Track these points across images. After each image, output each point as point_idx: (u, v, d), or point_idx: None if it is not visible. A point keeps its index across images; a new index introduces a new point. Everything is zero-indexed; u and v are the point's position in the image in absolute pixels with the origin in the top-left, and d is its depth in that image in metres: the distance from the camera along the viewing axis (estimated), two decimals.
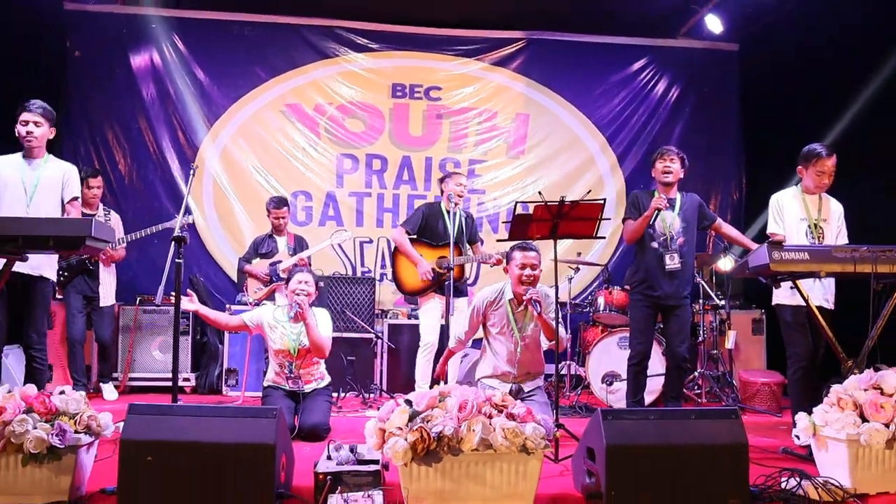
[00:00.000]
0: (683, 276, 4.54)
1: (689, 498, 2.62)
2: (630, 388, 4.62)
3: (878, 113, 5.69)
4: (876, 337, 3.66)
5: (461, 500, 2.58)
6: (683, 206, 4.61)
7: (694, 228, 4.63)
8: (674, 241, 4.51)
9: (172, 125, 7.35)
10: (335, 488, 2.58)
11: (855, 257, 3.55)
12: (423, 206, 5.54)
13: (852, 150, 5.80)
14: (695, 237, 4.67)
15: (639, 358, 4.56)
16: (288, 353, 4.28)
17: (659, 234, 4.52)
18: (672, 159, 4.53)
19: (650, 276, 4.53)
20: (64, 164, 4.17)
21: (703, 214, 4.72)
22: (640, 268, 4.63)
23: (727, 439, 2.68)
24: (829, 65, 6.20)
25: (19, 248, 3.32)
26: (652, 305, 4.55)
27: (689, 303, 4.62)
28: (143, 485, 2.54)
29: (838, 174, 4.31)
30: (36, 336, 3.95)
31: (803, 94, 6.62)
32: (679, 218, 4.56)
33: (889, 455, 2.82)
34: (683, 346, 4.52)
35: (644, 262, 4.59)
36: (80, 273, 5.62)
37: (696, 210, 4.65)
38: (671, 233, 4.51)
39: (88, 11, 7.23)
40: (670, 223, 4.53)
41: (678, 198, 4.62)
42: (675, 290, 4.51)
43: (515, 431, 2.55)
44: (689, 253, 4.58)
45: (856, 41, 5.89)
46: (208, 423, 2.64)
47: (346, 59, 7.53)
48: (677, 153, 4.58)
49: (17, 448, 2.53)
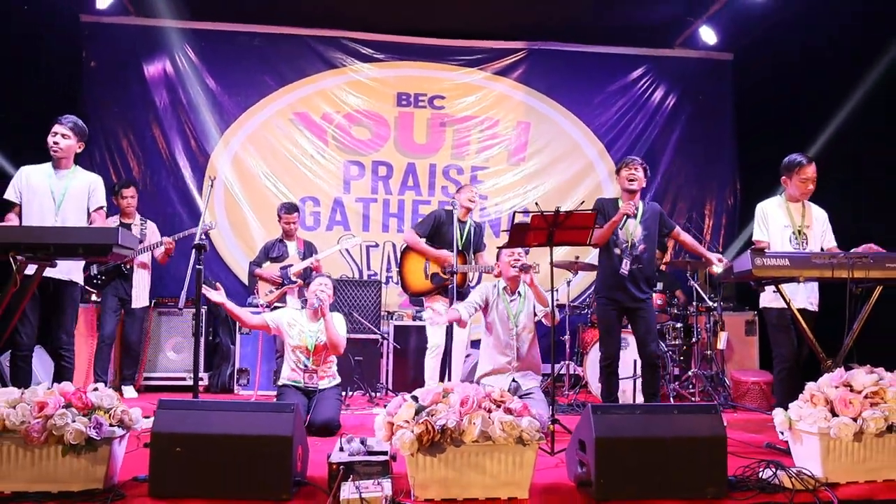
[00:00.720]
0: (643, 279, 4.69)
1: (672, 486, 2.85)
2: (603, 389, 4.79)
3: (867, 121, 5.91)
4: (853, 338, 3.90)
5: (463, 487, 2.81)
6: (645, 214, 4.77)
7: (655, 236, 4.80)
8: (635, 248, 4.67)
9: (185, 133, 7.60)
10: (347, 477, 2.81)
11: (833, 263, 3.78)
12: (437, 213, 5.71)
13: (844, 156, 6.06)
14: (655, 244, 4.84)
15: (609, 360, 4.70)
16: (305, 349, 4.56)
17: (622, 241, 4.68)
18: (636, 168, 4.68)
19: (612, 280, 4.69)
20: (90, 174, 4.42)
21: (664, 223, 4.87)
22: (604, 273, 4.81)
23: (707, 432, 2.91)
24: (821, 73, 6.42)
25: (51, 255, 3.57)
26: (616, 308, 4.71)
27: (652, 304, 4.78)
28: (173, 473, 2.78)
29: (830, 181, 4.53)
30: (65, 337, 4.21)
31: (796, 102, 6.84)
32: (641, 226, 4.72)
33: (857, 447, 3.04)
34: (653, 344, 4.69)
35: (606, 267, 4.76)
36: (116, 276, 5.89)
37: (657, 219, 4.81)
38: (633, 240, 4.68)
39: (103, 23, 7.47)
40: (633, 231, 4.69)
41: (640, 206, 4.77)
42: (635, 293, 4.66)
43: (512, 424, 2.79)
44: (649, 259, 4.73)
45: (845, 51, 6.09)
46: (231, 417, 2.89)
47: (352, 68, 7.79)
48: (641, 163, 4.74)
49: (57, 439, 2.77)
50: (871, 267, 3.79)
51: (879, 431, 3.01)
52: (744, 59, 7.90)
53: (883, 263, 3.80)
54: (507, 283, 4.71)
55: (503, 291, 4.71)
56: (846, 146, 6.05)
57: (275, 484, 2.78)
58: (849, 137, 6.07)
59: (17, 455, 2.79)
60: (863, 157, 6.07)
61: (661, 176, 7.97)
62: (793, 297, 4.40)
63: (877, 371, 3.21)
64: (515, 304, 4.67)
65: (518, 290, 4.72)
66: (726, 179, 8.02)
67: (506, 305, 4.65)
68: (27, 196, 4.21)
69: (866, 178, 6.01)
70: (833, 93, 6.27)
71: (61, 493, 2.78)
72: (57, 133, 4.25)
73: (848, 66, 6.12)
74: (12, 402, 2.81)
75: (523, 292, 4.71)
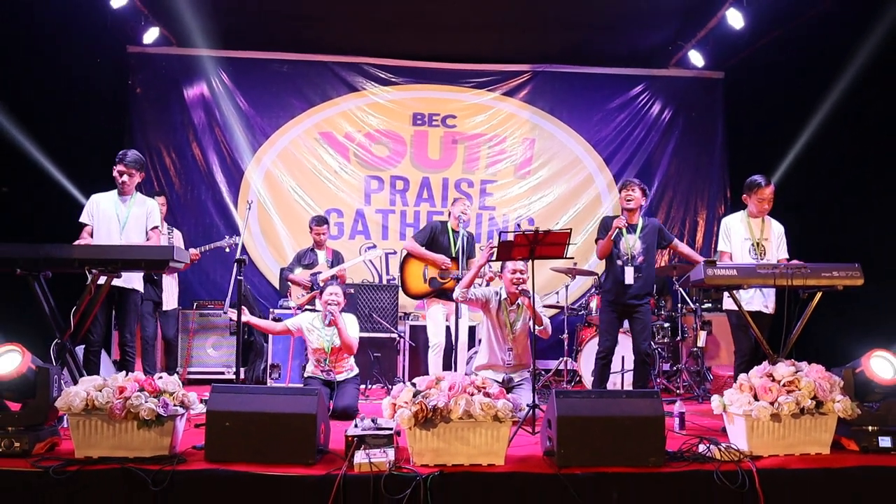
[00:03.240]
0: (642, 286, 5.38)
1: (620, 456, 3.50)
2: (596, 378, 5.48)
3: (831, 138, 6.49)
4: (797, 335, 4.54)
5: (451, 455, 3.51)
6: (644, 229, 5.45)
7: (654, 248, 5.49)
8: (635, 259, 5.36)
9: (221, 151, 8.39)
10: (360, 446, 3.52)
11: (775, 273, 4.43)
12: (433, 224, 6.44)
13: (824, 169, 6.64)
14: (654, 256, 5.53)
15: (605, 353, 5.41)
16: (323, 351, 5.30)
17: (623, 253, 5.38)
18: (633, 189, 5.38)
19: (615, 287, 5.40)
20: (147, 199, 5.23)
21: (662, 236, 5.56)
22: (608, 280, 5.53)
23: (649, 412, 3.58)
24: (806, 90, 6.90)
25: (118, 268, 4.36)
26: (616, 310, 5.42)
27: (648, 307, 5.47)
28: (223, 443, 3.53)
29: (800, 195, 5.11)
30: (129, 335, 5.03)
31: (781, 117, 7.35)
32: (640, 240, 5.41)
33: (777, 426, 3.68)
34: (645, 343, 5.38)
35: (611, 275, 5.47)
36: (147, 283, 6.68)
37: (655, 233, 5.49)
38: (633, 252, 5.37)
39: (148, 53, 8.28)
40: (632, 244, 5.38)
41: (640, 222, 5.46)
42: (634, 298, 5.35)
43: (490, 405, 3.49)
44: (647, 269, 5.41)
45: (825, 69, 6.58)
46: (268, 399, 3.64)
47: (371, 91, 8.53)
48: (639, 184, 5.43)
49: (134, 416, 3.51)
50: (808, 276, 4.42)
51: (794, 413, 3.65)
52: (733, 77, 8.50)
53: (819, 273, 4.43)
54: (508, 294, 5.40)
55: (504, 301, 5.38)
56: (814, 163, 6.65)
57: (302, 452, 3.50)
58: (818, 153, 6.67)
59: (102, 428, 3.54)
60: (838, 169, 6.64)
61: (658, 185, 8.61)
62: (750, 301, 5.09)
63: (797, 364, 3.85)
64: (513, 314, 5.36)
65: (517, 302, 5.40)
66: (717, 189, 8.63)
67: (505, 315, 5.34)
68: (97, 219, 5.03)
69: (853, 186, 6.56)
70: (819, 106, 6.72)
71: (136, 458, 3.50)
72: (123, 173, 5.03)
73: (833, 80, 6.53)
74: (99, 387, 3.57)
75: (521, 304, 5.38)
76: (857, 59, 6.05)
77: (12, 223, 6.19)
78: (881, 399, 3.95)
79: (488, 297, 5.38)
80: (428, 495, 3.29)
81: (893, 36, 5.66)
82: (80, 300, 4.36)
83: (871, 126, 6.14)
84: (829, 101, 6.44)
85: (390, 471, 3.34)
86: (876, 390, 3.93)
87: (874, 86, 5.97)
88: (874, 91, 5.99)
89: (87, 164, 7.00)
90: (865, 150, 6.20)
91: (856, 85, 6.16)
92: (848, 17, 6.13)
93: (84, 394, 3.53)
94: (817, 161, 6.68)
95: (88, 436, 3.54)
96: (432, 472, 3.34)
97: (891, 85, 5.85)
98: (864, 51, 5.95)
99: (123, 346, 5.05)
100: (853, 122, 6.26)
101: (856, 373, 3.94)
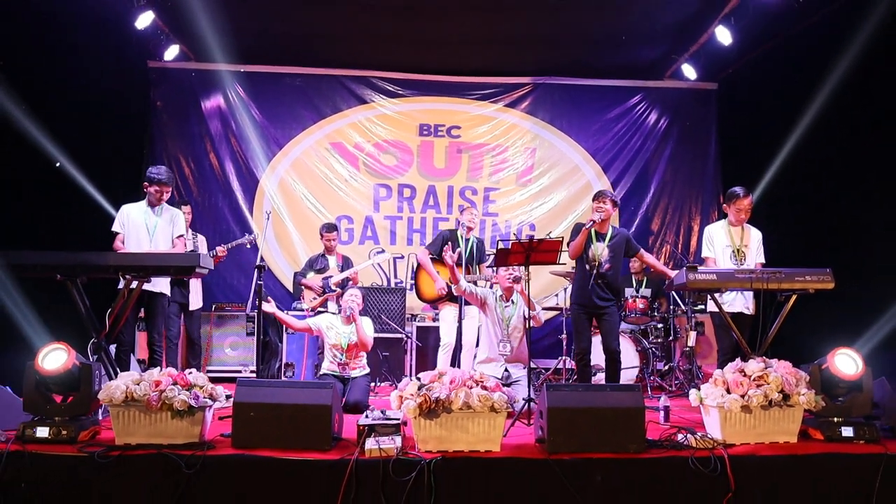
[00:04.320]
0: (608, 290, 5.61)
1: (604, 443, 3.88)
2: (579, 379, 5.76)
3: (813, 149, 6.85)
4: (774, 334, 4.91)
5: (452, 442, 3.90)
6: (613, 238, 5.68)
7: (620, 256, 5.73)
8: (602, 266, 5.59)
9: (237, 161, 8.80)
10: (370, 434, 3.92)
11: (752, 278, 4.80)
12: (443, 233, 6.82)
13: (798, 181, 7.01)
14: (621, 263, 5.78)
15: (581, 354, 5.64)
16: (340, 347, 5.74)
17: (591, 259, 5.62)
18: (604, 201, 5.59)
19: (583, 291, 5.64)
20: (173, 209, 5.67)
21: (629, 246, 5.80)
22: (576, 284, 5.81)
23: (630, 404, 3.96)
24: (793, 100, 7.10)
25: (149, 274, 4.79)
26: (585, 312, 5.66)
27: (615, 309, 5.69)
28: (248, 431, 3.92)
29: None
30: (156, 335, 5.47)
31: (771, 126, 7.60)
32: (608, 248, 5.63)
33: (748, 417, 4.05)
34: (615, 342, 5.63)
35: (579, 279, 5.73)
36: (175, 285, 7.10)
37: (623, 243, 5.74)
38: (600, 259, 5.60)
39: (167, 68, 8.71)
40: (600, 252, 5.61)
41: (610, 231, 5.70)
42: (600, 301, 5.58)
43: (487, 397, 3.88)
44: (613, 275, 5.64)
45: (815, 80, 6.75)
46: (288, 391, 4.04)
47: (380, 103, 8.93)
48: (610, 196, 5.65)
49: (168, 407, 3.91)
50: (782, 280, 4.79)
51: (763, 405, 4.03)
52: (727, 88, 8.85)
53: (792, 277, 4.79)
54: (504, 291, 5.83)
55: (499, 299, 5.82)
56: (797, 172, 7.02)
57: (318, 439, 3.90)
58: (801, 163, 7.03)
59: (140, 417, 3.94)
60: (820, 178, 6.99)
61: (654, 192, 8.97)
62: (732, 303, 5.48)
63: (767, 361, 4.23)
64: (509, 310, 5.79)
65: (511, 299, 5.83)
66: (711, 195, 8.96)
67: (501, 311, 5.77)
68: (128, 228, 5.47)
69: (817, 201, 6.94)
70: (807, 116, 6.95)
71: (170, 445, 3.89)
72: (161, 191, 5.49)
73: (811, 93, 6.82)
74: (136, 381, 3.98)
75: (516, 300, 5.82)
76: (838, 72, 6.36)
77: (40, 227, 6.61)
78: (846, 393, 4.32)
79: (486, 296, 5.79)
80: (431, 478, 3.69)
81: (871, 48, 5.98)
82: (114, 303, 4.79)
83: (847, 137, 6.48)
84: (810, 113, 6.75)
85: (397, 456, 3.73)
86: (840, 385, 4.30)
87: (855, 95, 6.28)
88: (852, 99, 6.30)
89: (112, 174, 7.44)
90: (844, 161, 6.55)
91: (836, 96, 6.47)
92: (834, 30, 6.43)
93: (124, 387, 3.93)
94: (800, 170, 7.02)
95: (127, 424, 3.94)
96: (435, 458, 3.73)
97: (868, 95, 6.20)
98: (843, 64, 6.28)
99: (151, 345, 5.48)
100: (834, 132, 6.60)
101: (822, 369, 4.30)
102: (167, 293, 5.57)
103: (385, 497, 3.66)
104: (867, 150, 6.28)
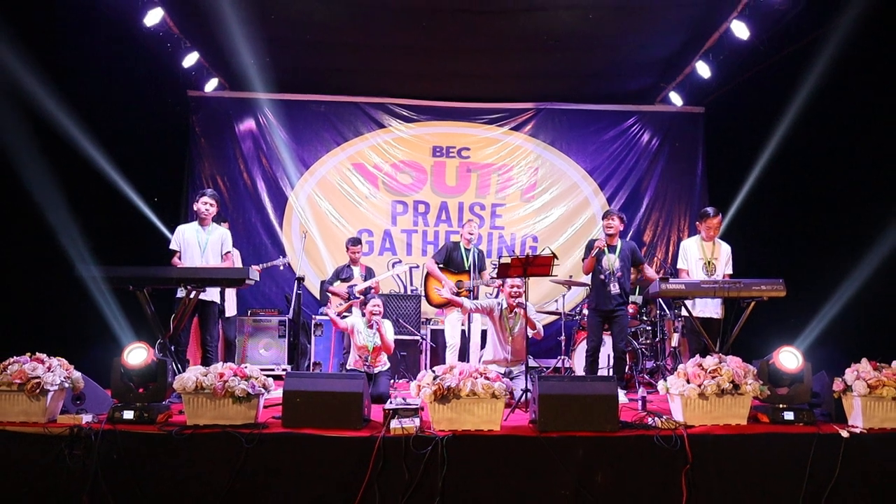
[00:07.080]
0: (620, 295, 6.55)
1: (585, 423, 4.67)
2: (587, 373, 6.69)
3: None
4: (734, 336, 5.74)
5: (461, 423, 4.72)
6: (622, 250, 6.66)
7: (629, 266, 6.70)
8: (614, 274, 6.57)
9: (268, 179, 9.65)
10: (394, 416, 4.75)
11: (716, 287, 5.65)
12: (447, 244, 7.71)
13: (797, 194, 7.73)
14: (629, 271, 6.74)
15: (591, 351, 6.61)
16: (366, 349, 6.61)
17: (604, 269, 6.58)
18: (613, 219, 6.61)
19: (598, 297, 6.62)
20: (221, 228, 6.58)
21: (636, 258, 6.80)
22: (592, 291, 6.76)
23: (606, 392, 4.80)
24: (768, 125, 7.80)
25: (206, 285, 5.69)
26: (599, 315, 6.63)
27: (626, 312, 6.63)
28: (295, 413, 4.76)
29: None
30: (209, 337, 6.37)
31: (750, 147, 8.29)
32: (618, 259, 6.61)
33: (705, 403, 4.85)
34: (622, 343, 6.58)
35: (595, 287, 6.70)
36: None
37: (630, 253, 6.72)
38: (612, 269, 6.59)
39: (205, 96, 9.56)
40: (612, 262, 6.59)
41: (619, 244, 6.68)
42: (614, 305, 6.54)
43: (489, 386, 4.73)
44: (623, 282, 6.60)
45: (785, 110, 7.50)
46: (328, 381, 4.91)
47: (396, 127, 9.79)
48: (618, 214, 6.65)
49: (230, 394, 4.76)
50: (741, 289, 5.61)
51: (717, 393, 4.86)
52: (712, 111, 9.65)
53: (750, 287, 5.61)
54: (507, 304, 6.66)
55: (504, 310, 6.65)
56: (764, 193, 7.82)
57: (352, 420, 4.73)
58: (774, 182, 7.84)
59: (207, 403, 4.78)
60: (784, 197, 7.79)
61: (646, 207, 9.79)
62: (703, 308, 6.33)
63: (722, 357, 5.05)
64: (512, 320, 6.63)
65: (515, 310, 6.67)
66: (698, 209, 9.54)
67: (505, 321, 6.62)
68: (183, 246, 6.38)
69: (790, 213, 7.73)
70: (791, 136, 7.65)
71: (230, 426, 4.72)
72: (207, 203, 6.38)
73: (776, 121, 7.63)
74: (204, 373, 4.88)
75: (518, 313, 6.65)
76: (797, 102, 7.15)
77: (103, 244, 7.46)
78: (789, 384, 5.14)
79: (492, 307, 6.65)
80: (444, 451, 4.48)
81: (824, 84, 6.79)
82: (177, 310, 5.70)
83: (807, 162, 7.27)
84: (777, 137, 7.52)
85: (417, 434, 4.51)
86: (784, 377, 5.11)
87: (810, 127, 7.07)
88: (811, 129, 7.09)
89: (157, 194, 8.30)
90: (806, 182, 7.37)
91: (796, 125, 7.27)
92: (795, 68, 7.22)
93: (194, 378, 4.82)
94: (767, 190, 7.83)
95: (196, 408, 4.77)
96: (447, 435, 4.51)
97: (825, 124, 6.99)
98: (802, 96, 7.07)
99: (205, 345, 6.40)
100: (798, 157, 7.42)
101: (769, 363, 5.13)
102: (218, 301, 6.48)
103: (406, 466, 4.44)
104: (823, 173, 7.07)
